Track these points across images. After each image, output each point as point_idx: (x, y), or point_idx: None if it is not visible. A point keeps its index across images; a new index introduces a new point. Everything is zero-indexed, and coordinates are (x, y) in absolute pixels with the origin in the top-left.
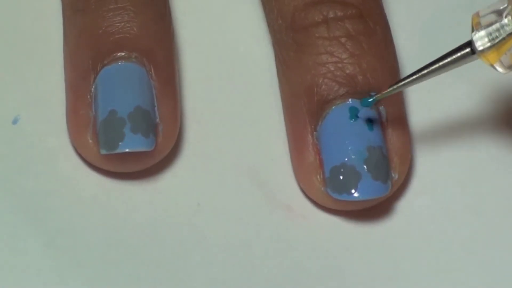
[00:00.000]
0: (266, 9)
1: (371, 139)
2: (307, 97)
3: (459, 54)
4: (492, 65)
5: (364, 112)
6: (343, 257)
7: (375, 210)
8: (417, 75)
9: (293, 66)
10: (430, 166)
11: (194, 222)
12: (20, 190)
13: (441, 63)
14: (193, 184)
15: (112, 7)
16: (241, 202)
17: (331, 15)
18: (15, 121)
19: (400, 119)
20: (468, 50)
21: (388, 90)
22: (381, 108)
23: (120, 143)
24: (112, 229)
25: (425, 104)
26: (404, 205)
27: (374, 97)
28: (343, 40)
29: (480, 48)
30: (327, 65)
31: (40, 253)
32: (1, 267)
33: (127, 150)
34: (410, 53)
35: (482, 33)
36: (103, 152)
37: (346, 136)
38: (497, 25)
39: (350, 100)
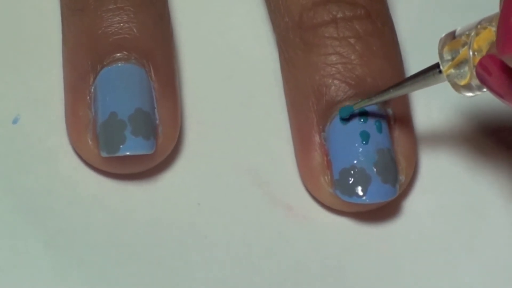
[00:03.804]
0: (271, 7)
1: (380, 141)
2: (316, 97)
3: (429, 74)
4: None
5: (373, 114)
6: (343, 257)
7: (375, 210)
8: (393, 90)
9: (301, 65)
10: (431, 166)
11: (194, 221)
12: (20, 189)
13: (413, 81)
14: (193, 183)
15: (111, 7)
16: (241, 202)
17: (340, 15)
18: (15, 121)
19: (407, 121)
20: (437, 70)
21: (365, 100)
22: (389, 110)
23: (121, 146)
24: (112, 229)
25: (425, 104)
26: (405, 205)
27: (353, 106)
28: (352, 40)
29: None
30: (336, 66)
31: (40, 253)
32: (1, 266)
33: (128, 153)
34: (410, 53)
35: (449, 57)
36: (104, 154)
37: (355, 138)
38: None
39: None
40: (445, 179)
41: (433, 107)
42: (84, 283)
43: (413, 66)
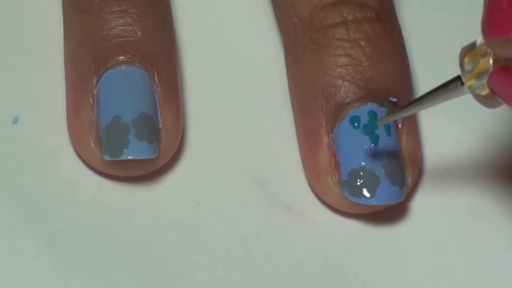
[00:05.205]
0: (279, 6)
1: (388, 144)
2: (325, 98)
3: (451, 87)
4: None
5: (382, 116)
6: (343, 257)
7: (376, 211)
8: (415, 105)
9: (310, 66)
10: (434, 168)
11: (194, 222)
12: (20, 189)
13: (435, 95)
14: (193, 184)
15: (115, 9)
16: (241, 202)
17: (350, 17)
18: (15, 121)
19: (413, 125)
20: (459, 83)
21: (388, 116)
22: None
23: (124, 150)
24: (112, 229)
25: (429, 108)
26: (407, 206)
27: (377, 123)
28: (362, 43)
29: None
30: (346, 67)
31: (40, 253)
32: (1, 266)
33: (131, 157)
34: (410, 53)
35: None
36: (107, 158)
37: (364, 140)
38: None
39: (368, 104)
40: (447, 181)
41: (436, 111)
42: (84, 283)
43: (413, 66)
